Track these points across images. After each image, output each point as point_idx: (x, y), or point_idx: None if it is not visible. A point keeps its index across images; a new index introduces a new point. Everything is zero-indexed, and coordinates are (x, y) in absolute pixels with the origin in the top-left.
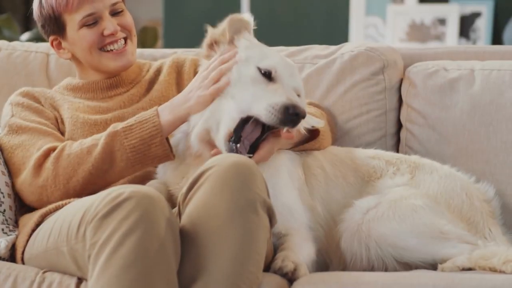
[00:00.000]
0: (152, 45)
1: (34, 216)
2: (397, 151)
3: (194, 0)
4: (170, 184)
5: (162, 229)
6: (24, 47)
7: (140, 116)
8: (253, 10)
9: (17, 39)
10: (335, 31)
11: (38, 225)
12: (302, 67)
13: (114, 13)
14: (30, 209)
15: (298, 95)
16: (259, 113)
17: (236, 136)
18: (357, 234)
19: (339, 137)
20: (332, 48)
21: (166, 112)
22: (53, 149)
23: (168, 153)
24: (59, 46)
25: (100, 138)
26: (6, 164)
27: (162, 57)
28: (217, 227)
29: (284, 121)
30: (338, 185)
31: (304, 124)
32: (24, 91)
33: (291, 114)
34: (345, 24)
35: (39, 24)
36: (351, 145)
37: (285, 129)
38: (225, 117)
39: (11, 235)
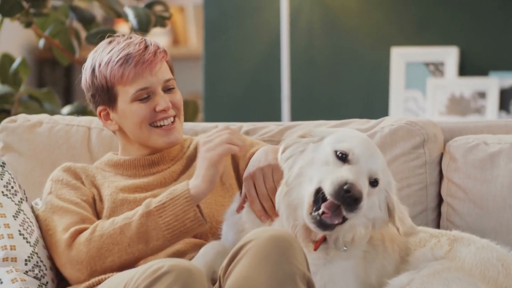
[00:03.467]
0: (192, 118)
1: None
2: (438, 225)
3: (235, 73)
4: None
5: None
6: (65, 121)
7: (171, 192)
8: (293, 84)
9: (58, 112)
10: (375, 104)
11: None
12: None
13: (166, 89)
14: (69, 283)
15: (375, 179)
16: (325, 186)
17: (317, 207)
18: None
19: None
20: (372, 122)
21: (196, 181)
22: (81, 231)
23: (203, 225)
24: (107, 117)
25: (133, 217)
26: (44, 239)
27: (203, 131)
28: None
29: (336, 196)
30: (392, 258)
31: None
32: (66, 167)
33: (345, 190)
34: (385, 97)
35: (88, 94)
36: None
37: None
38: (305, 197)
39: None
